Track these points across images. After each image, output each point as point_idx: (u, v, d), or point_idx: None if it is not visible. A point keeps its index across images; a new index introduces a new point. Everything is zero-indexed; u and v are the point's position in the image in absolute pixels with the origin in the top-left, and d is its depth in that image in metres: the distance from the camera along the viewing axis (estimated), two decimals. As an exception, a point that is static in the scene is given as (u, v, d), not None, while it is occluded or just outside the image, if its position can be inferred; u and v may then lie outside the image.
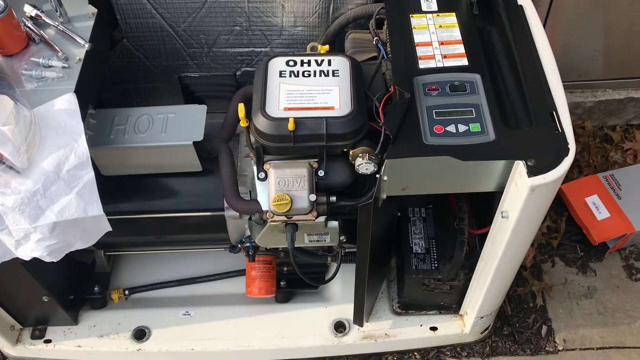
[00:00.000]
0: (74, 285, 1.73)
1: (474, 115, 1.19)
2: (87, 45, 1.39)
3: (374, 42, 1.46)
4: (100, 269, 1.80)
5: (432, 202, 1.68)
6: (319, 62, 1.33)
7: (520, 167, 1.12)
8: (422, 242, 1.62)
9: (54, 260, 1.23)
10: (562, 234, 2.01)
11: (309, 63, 1.33)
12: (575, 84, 2.18)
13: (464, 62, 1.28)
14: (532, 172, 1.10)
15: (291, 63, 1.32)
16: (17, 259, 1.23)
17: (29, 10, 1.41)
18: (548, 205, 1.22)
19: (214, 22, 1.66)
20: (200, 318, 1.74)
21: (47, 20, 1.42)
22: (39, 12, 1.42)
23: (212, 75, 1.81)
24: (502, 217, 1.23)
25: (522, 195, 1.12)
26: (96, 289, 1.75)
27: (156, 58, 1.76)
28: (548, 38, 1.33)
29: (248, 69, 1.79)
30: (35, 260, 1.23)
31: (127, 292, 1.79)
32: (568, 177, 2.12)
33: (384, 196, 1.25)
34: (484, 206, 1.40)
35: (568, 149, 1.13)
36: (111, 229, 1.29)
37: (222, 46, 1.73)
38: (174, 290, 1.80)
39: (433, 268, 1.58)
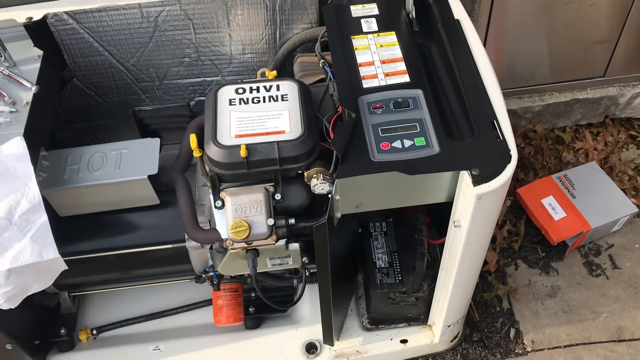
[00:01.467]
0: (38, 330, 1.69)
1: (418, 130, 1.22)
2: (34, 88, 1.40)
3: (321, 65, 1.49)
4: (66, 310, 1.78)
5: (392, 215, 1.70)
6: (268, 87, 1.35)
7: (465, 177, 1.15)
8: (385, 256, 1.64)
9: (12, 307, 1.22)
10: (522, 237, 2.06)
11: (257, 89, 1.35)
12: (523, 90, 2.24)
13: (406, 78, 1.32)
14: (477, 181, 1.13)
15: (240, 91, 1.35)
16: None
17: (-28, 57, 1.41)
18: (498, 210, 1.25)
19: (163, 55, 1.68)
20: (170, 352, 1.72)
21: (-8, 66, 1.42)
22: (-18, 58, 1.42)
23: (165, 107, 1.82)
24: (455, 226, 1.26)
25: (471, 204, 1.15)
26: (62, 331, 1.72)
27: (108, 94, 1.76)
28: (492, 47, 1.38)
29: (201, 98, 1.81)
30: (-6, 308, 1.22)
31: (95, 331, 1.76)
32: (524, 181, 2.18)
33: (339, 215, 1.27)
34: (444, 216, 1.43)
35: (510, 156, 1.17)
36: (67, 268, 1.28)
37: (173, 78, 1.75)
38: (143, 325, 1.78)
39: (397, 281, 1.60)
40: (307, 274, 1.60)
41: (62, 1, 1.55)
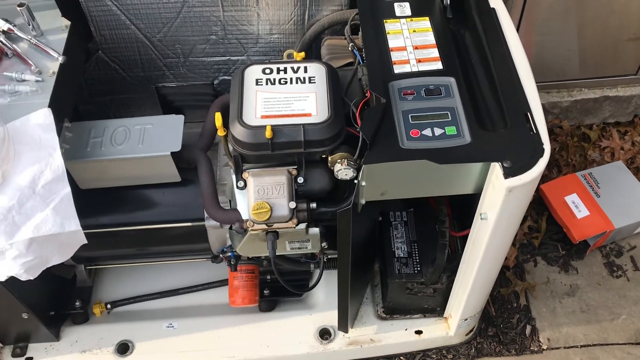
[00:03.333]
0: (54, 301, 1.70)
1: (450, 119, 1.19)
2: (60, 58, 1.38)
3: (350, 48, 1.46)
4: (81, 283, 1.78)
5: (413, 205, 1.68)
6: (295, 69, 1.33)
7: (496, 169, 1.12)
8: (404, 246, 1.62)
9: (31, 278, 1.22)
10: (543, 234, 2.03)
11: (285, 70, 1.33)
12: (552, 84, 2.20)
13: (439, 65, 1.29)
14: (508, 173, 1.10)
15: (267, 71, 1.32)
16: (-6, 275, 1.21)
17: (0, 24, 1.40)
18: (526, 205, 1.23)
19: (190, 31, 1.66)
20: (184, 330, 1.73)
21: (20, 34, 1.41)
22: (11, 26, 1.41)
23: (189, 84, 1.81)
24: (481, 218, 1.23)
25: (500, 197, 1.12)
26: (77, 303, 1.73)
27: (132, 69, 1.75)
28: (523, 39, 1.34)
29: (225, 77, 1.79)
30: (12, 277, 1.21)
31: (109, 305, 1.76)
32: (547, 177, 2.14)
33: (363, 201, 1.25)
34: (465, 208, 1.41)
35: (543, 150, 1.14)
36: (87, 242, 1.28)
37: (198, 55, 1.73)
38: (157, 302, 1.78)
39: (416, 272, 1.58)
40: (324, 259, 1.59)
41: (91, -28, 1.54)
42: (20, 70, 1.35)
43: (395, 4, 1.42)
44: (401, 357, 1.79)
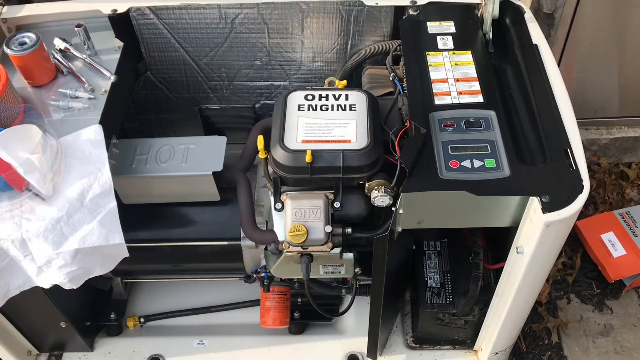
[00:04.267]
0: (91, 312, 1.74)
1: (489, 151, 1.20)
2: (112, 77, 1.44)
3: (391, 78, 1.50)
4: (117, 296, 1.82)
5: (447, 235, 1.68)
6: (337, 96, 1.36)
7: (534, 203, 1.12)
8: (437, 276, 1.62)
9: (74, 287, 1.25)
10: (577, 271, 2.00)
11: (327, 97, 1.36)
12: (591, 121, 2.19)
13: (479, 99, 1.31)
14: (546, 208, 1.10)
15: (310, 97, 1.36)
16: (38, 283, 1.25)
17: (58, 43, 1.47)
18: (563, 241, 1.22)
19: (235, 56, 1.71)
20: (214, 347, 1.74)
21: (75, 53, 1.48)
22: (67, 45, 1.48)
23: (232, 107, 1.86)
24: (517, 252, 1.23)
25: (537, 231, 1.12)
26: (112, 315, 1.76)
27: (178, 90, 1.81)
28: (563, 76, 1.35)
29: (267, 101, 1.84)
30: (54, 286, 1.25)
31: (142, 319, 1.79)
32: (584, 214, 2.12)
33: (400, 229, 1.26)
34: (500, 241, 1.41)
35: (582, 186, 1.14)
36: (129, 255, 1.32)
37: (242, 79, 1.78)
38: (189, 319, 1.81)
39: (448, 302, 1.57)
40: (356, 285, 1.60)
41: (146, -4, 1.61)
42: (74, 88, 1.41)
43: (438, 37, 1.45)
44: (429, 388, 1.77)
